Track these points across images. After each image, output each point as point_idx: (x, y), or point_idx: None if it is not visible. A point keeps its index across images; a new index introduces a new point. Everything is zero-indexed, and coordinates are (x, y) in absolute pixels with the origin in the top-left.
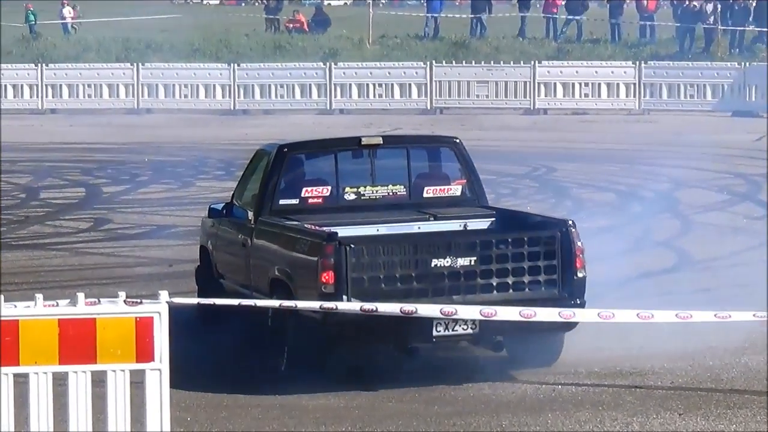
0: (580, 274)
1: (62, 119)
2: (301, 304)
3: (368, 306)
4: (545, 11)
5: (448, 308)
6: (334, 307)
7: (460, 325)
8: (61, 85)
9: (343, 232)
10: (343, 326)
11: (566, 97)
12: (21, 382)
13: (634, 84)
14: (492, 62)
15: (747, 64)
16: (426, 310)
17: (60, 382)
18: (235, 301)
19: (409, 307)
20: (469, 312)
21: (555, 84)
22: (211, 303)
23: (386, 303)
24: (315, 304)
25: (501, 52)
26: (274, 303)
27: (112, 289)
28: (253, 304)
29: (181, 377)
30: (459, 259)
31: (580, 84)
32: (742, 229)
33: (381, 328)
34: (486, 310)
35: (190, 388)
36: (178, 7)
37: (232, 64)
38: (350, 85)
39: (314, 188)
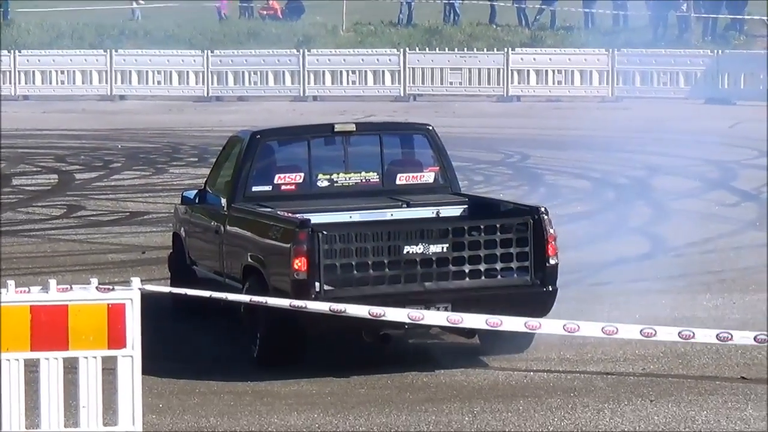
0: (552, 261)
1: (35, 106)
2: (272, 301)
3: (337, 307)
4: (516, 1)
5: (416, 313)
6: (303, 306)
7: (432, 311)
8: (34, 72)
9: (316, 218)
10: (315, 313)
11: (540, 84)
12: None
13: (608, 71)
14: (465, 49)
15: (720, 51)
16: (394, 314)
17: (32, 369)
18: (206, 293)
19: (377, 310)
20: (436, 318)
21: (528, 71)
22: (183, 293)
23: (356, 304)
24: (285, 302)
25: (474, 39)
26: (245, 298)
27: (84, 275)
28: (224, 298)
29: (153, 364)
30: (431, 246)
31: (554, 71)
32: (714, 216)
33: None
34: (453, 317)
35: (162, 374)
36: None
37: (205, 51)
38: (324, 72)
39: (287, 175)
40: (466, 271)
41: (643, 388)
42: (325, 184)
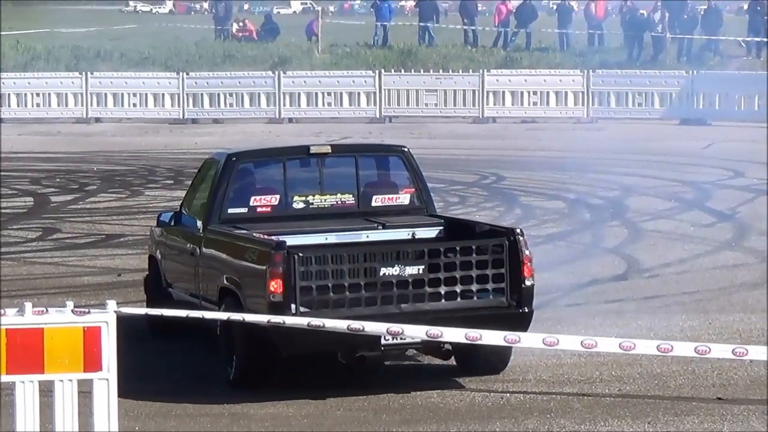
0: (528, 283)
1: (10, 128)
2: (249, 317)
3: (316, 322)
4: (499, 25)
5: (395, 327)
6: (282, 322)
7: (408, 326)
8: (9, 95)
9: (292, 240)
10: (291, 335)
11: (515, 105)
12: None
13: (583, 92)
14: (441, 70)
15: (695, 72)
16: (373, 327)
17: (7, 392)
18: (183, 313)
19: (356, 324)
20: (416, 331)
21: (503, 92)
22: (159, 314)
23: (334, 319)
24: (263, 318)
25: (450, 60)
26: (222, 315)
27: (60, 298)
28: (201, 317)
29: (129, 386)
30: (407, 268)
31: (529, 92)
32: (689, 237)
33: (329, 337)
34: (432, 331)
35: (138, 397)
36: (128, 16)
37: (181, 73)
38: (299, 93)
39: (263, 197)
40: (442, 292)
41: (619, 409)
42: (301, 205)
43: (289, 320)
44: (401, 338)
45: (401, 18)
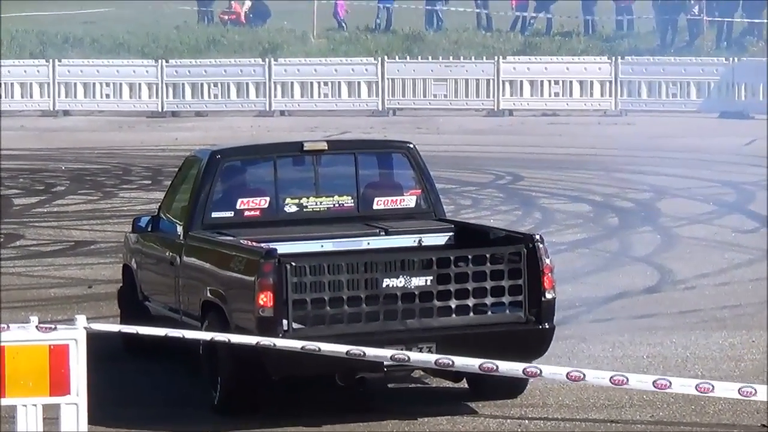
0: (548, 295)
1: None
2: (236, 339)
3: (311, 346)
4: (516, 7)
5: (400, 355)
6: (272, 345)
7: (414, 352)
8: None
9: (284, 248)
10: (283, 355)
11: (534, 96)
12: None
13: (610, 82)
14: (451, 58)
15: (736, 59)
16: (375, 353)
17: None
18: (161, 331)
19: (356, 350)
20: (424, 358)
21: (521, 82)
22: (134, 332)
23: (332, 337)
24: (251, 340)
25: (461, 47)
26: (206, 336)
27: (23, 313)
28: (181, 336)
29: (101, 412)
30: (413, 279)
31: (550, 82)
32: (729, 244)
33: (325, 357)
34: (442, 360)
35: (111, 424)
36: None
37: (160, 61)
38: (292, 83)
39: (251, 199)
40: (453, 306)
41: None
42: (294, 209)
43: (281, 343)
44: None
45: None
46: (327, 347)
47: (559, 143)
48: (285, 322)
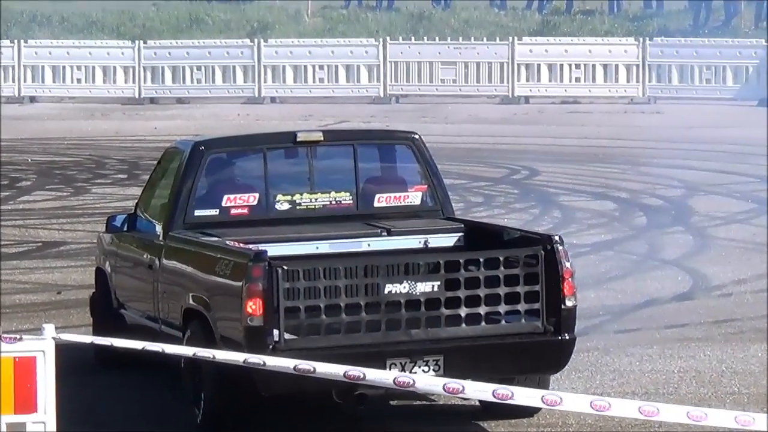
0: (569, 303)
1: None
2: (221, 355)
3: (304, 366)
4: None
5: (404, 378)
6: (262, 363)
7: (420, 366)
8: None
9: (274, 250)
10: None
11: (552, 81)
12: None
13: (637, 66)
14: (460, 39)
15: None
16: (376, 375)
17: None
18: (139, 344)
19: (355, 371)
20: (432, 382)
21: (539, 66)
22: (108, 344)
23: (326, 363)
24: (239, 357)
25: (471, 27)
26: (188, 351)
27: None
28: (160, 350)
29: (71, 430)
30: (419, 285)
31: (570, 66)
32: None
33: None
34: (451, 385)
35: None
36: None
37: (137, 42)
38: (284, 67)
39: (238, 196)
40: (462, 315)
41: None
42: (286, 207)
43: (271, 361)
44: (412, 372)
45: None
46: (323, 368)
47: (580, 134)
48: (276, 332)
